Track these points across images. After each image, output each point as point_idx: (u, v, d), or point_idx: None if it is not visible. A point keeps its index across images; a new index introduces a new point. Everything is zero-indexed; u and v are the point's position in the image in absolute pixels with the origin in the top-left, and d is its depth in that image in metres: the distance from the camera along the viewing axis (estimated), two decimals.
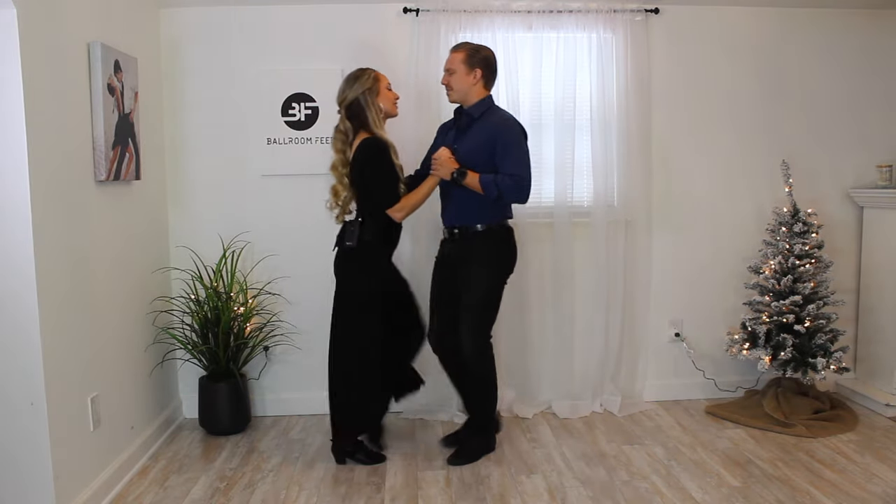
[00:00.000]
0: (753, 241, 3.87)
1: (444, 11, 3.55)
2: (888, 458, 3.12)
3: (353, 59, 3.62)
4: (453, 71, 3.04)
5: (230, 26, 3.60)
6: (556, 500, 2.77)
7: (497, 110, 3.13)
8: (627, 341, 3.82)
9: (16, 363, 2.37)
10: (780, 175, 3.77)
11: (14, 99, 2.28)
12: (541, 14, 3.60)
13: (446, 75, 3.08)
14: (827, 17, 3.85)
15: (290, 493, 2.86)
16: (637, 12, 3.66)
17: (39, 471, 2.40)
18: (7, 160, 2.30)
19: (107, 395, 2.85)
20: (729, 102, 3.85)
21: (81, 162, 2.71)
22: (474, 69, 3.03)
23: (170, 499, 2.82)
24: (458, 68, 3.03)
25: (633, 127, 3.68)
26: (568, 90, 3.65)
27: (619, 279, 3.75)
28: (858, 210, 3.97)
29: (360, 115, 3.00)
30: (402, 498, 2.81)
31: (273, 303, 3.67)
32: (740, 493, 2.80)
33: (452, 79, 3.05)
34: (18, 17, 2.26)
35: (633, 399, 3.82)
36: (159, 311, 3.42)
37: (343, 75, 3.21)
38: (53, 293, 2.45)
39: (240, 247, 3.62)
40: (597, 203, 3.70)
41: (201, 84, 3.62)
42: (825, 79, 3.89)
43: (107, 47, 2.82)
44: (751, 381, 3.91)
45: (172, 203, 3.67)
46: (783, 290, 3.59)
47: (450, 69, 3.06)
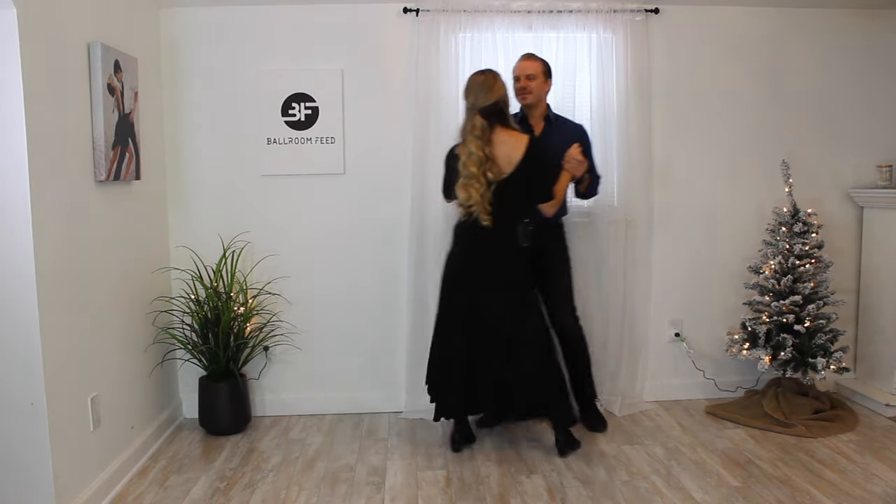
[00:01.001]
0: (753, 241, 3.87)
1: (444, 11, 3.55)
2: (888, 458, 3.12)
3: (353, 59, 3.64)
4: (534, 76, 3.28)
5: (230, 26, 3.60)
6: (556, 500, 2.77)
7: (560, 116, 3.45)
8: (627, 341, 3.81)
9: (16, 363, 2.37)
10: (780, 175, 3.77)
11: (14, 99, 2.28)
12: (541, 14, 3.60)
13: (525, 80, 3.28)
14: (827, 17, 3.85)
15: (290, 493, 2.87)
16: (637, 12, 3.66)
17: (39, 471, 2.39)
18: (7, 160, 2.30)
19: (107, 395, 2.85)
20: (729, 102, 3.85)
21: (81, 162, 2.71)
22: (549, 80, 3.35)
23: (170, 499, 2.82)
24: (539, 76, 3.29)
25: (633, 127, 3.68)
26: (568, 90, 3.65)
27: (619, 279, 3.75)
28: (858, 210, 3.97)
29: (499, 112, 3.07)
30: (402, 498, 2.81)
31: (273, 303, 3.67)
32: (740, 493, 2.80)
33: (534, 84, 3.28)
34: (18, 17, 2.26)
35: (632, 399, 3.82)
36: (159, 311, 3.42)
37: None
38: (53, 293, 2.45)
39: (240, 247, 3.62)
40: (597, 203, 3.70)
41: (201, 84, 3.62)
42: (825, 79, 3.89)
43: (107, 47, 2.82)
44: (751, 381, 3.91)
45: (172, 203, 3.67)
46: (783, 290, 3.59)
47: (531, 75, 3.28)
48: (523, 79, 3.29)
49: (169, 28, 3.58)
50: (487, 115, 3.00)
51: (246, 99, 3.63)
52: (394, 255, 3.70)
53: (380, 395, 3.79)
